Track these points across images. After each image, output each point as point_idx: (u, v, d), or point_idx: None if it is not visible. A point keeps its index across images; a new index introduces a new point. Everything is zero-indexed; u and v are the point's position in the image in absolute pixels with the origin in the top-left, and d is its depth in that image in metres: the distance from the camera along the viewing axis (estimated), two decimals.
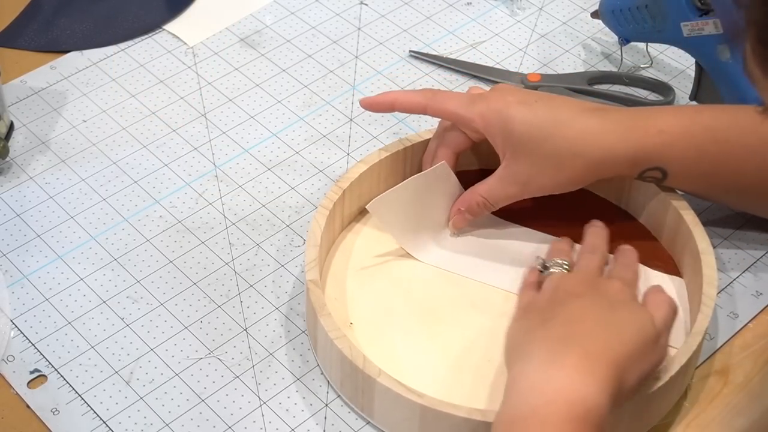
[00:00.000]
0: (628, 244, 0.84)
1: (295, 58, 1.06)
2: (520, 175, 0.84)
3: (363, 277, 0.86)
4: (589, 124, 0.83)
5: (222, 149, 0.98)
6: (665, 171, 0.84)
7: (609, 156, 0.82)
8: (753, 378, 0.82)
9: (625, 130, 0.82)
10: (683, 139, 0.83)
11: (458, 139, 0.87)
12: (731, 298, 0.87)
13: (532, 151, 0.83)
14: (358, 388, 0.77)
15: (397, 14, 1.11)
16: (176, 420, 0.79)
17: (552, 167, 0.83)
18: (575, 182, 0.85)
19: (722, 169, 0.84)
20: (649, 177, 0.85)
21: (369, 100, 0.89)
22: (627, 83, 1.04)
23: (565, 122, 0.82)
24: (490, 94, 0.85)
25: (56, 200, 0.93)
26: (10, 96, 1.01)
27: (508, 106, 0.83)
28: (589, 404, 0.67)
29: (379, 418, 0.78)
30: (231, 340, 0.84)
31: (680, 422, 0.79)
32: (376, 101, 0.88)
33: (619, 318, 0.72)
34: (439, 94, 0.86)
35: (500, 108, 0.83)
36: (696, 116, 0.85)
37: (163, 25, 1.09)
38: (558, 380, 0.68)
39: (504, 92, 0.85)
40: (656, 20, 0.96)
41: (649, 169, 0.83)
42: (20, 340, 0.83)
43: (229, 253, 0.89)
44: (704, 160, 0.83)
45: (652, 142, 0.82)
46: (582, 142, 0.82)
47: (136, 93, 1.03)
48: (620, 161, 0.83)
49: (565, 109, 0.83)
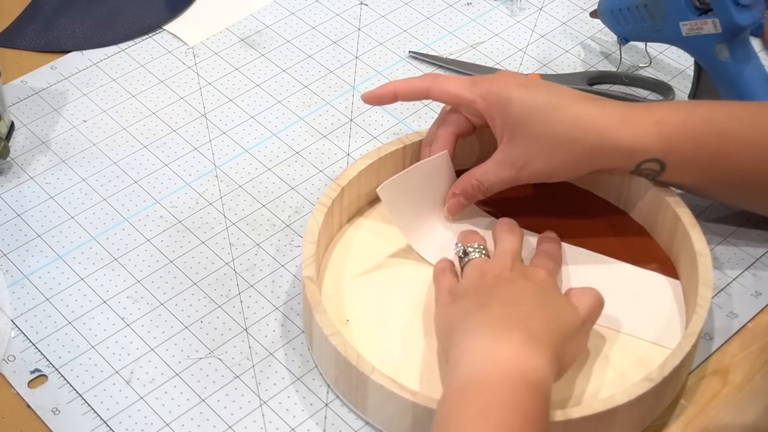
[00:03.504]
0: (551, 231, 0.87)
1: (295, 58, 1.06)
2: (515, 158, 0.84)
3: (360, 275, 0.86)
4: (587, 109, 0.83)
5: (222, 149, 0.98)
6: (663, 163, 0.83)
7: (605, 143, 0.82)
8: (752, 378, 0.82)
9: (623, 118, 0.82)
10: (681, 130, 0.83)
11: (459, 121, 0.87)
12: (730, 298, 0.87)
13: (528, 134, 0.83)
14: (351, 384, 0.77)
15: (397, 14, 1.11)
16: (176, 420, 0.79)
17: (547, 150, 0.83)
18: (570, 168, 0.84)
19: (721, 161, 0.83)
20: (647, 170, 0.84)
21: (370, 93, 0.89)
22: (626, 83, 1.04)
23: (563, 106, 0.83)
24: (492, 77, 0.86)
25: (56, 200, 0.93)
26: (11, 96, 1.01)
27: (509, 88, 0.84)
28: (540, 374, 0.70)
29: (372, 414, 0.78)
30: (231, 340, 0.84)
31: (680, 422, 0.80)
32: (378, 94, 0.89)
33: (552, 303, 0.76)
34: (441, 77, 0.87)
35: (500, 90, 0.84)
36: (694, 109, 0.85)
37: (163, 26, 1.09)
38: (509, 352, 0.70)
39: (506, 75, 0.86)
40: (655, 19, 0.96)
41: (646, 160, 0.83)
42: (21, 340, 0.83)
43: (229, 253, 0.90)
44: (702, 152, 0.83)
45: (650, 132, 0.82)
46: (579, 127, 0.82)
47: (136, 93, 1.03)
48: (617, 150, 0.83)
49: (564, 95, 0.84)
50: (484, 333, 0.72)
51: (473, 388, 0.69)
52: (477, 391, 0.68)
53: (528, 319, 0.73)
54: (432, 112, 1.01)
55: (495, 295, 0.75)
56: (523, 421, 0.67)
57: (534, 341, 0.71)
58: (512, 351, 0.70)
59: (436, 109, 1.00)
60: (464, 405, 0.68)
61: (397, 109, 1.01)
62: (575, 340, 0.75)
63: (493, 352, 0.70)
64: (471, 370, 0.70)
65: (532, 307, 0.74)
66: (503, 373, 0.69)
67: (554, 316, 0.74)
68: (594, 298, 0.78)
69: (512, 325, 0.72)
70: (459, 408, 0.68)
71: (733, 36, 0.92)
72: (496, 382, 0.69)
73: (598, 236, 0.89)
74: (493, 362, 0.70)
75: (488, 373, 0.69)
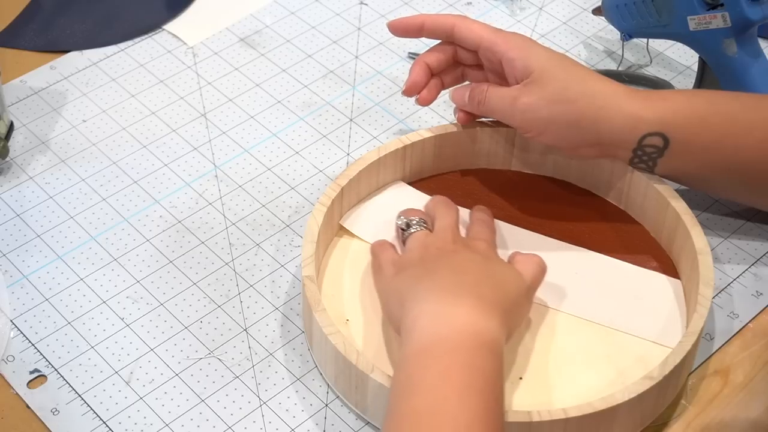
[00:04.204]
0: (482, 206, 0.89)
1: (295, 58, 1.06)
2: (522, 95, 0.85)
3: (360, 275, 0.86)
4: (600, 77, 0.85)
5: (222, 149, 0.98)
6: (667, 138, 0.83)
7: (612, 105, 0.83)
8: (753, 378, 0.82)
9: (630, 92, 0.84)
10: (686, 106, 0.84)
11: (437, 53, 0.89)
12: (731, 298, 0.87)
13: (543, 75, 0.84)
14: (351, 383, 0.77)
15: (397, 14, 1.11)
16: (176, 420, 0.79)
17: (554, 95, 0.84)
18: (569, 121, 0.84)
19: (724, 141, 0.84)
20: (649, 146, 0.84)
21: (396, 22, 0.90)
22: (628, 81, 1.03)
23: (579, 66, 0.86)
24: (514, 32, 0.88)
25: (56, 200, 0.93)
26: (10, 96, 1.01)
27: (531, 40, 0.87)
28: (493, 335, 0.72)
29: (372, 414, 0.78)
30: (231, 340, 0.84)
31: (681, 422, 0.79)
32: (404, 23, 0.90)
33: (498, 271, 0.78)
34: (468, 18, 0.88)
35: (524, 38, 0.87)
36: (698, 92, 0.89)
37: (163, 25, 1.09)
38: (462, 315, 0.72)
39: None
40: (662, 14, 0.95)
41: (649, 134, 0.83)
42: (20, 340, 0.83)
43: (229, 253, 0.89)
44: (706, 130, 0.84)
45: (655, 105, 0.83)
46: (592, 84, 0.84)
47: (136, 93, 1.03)
48: (622, 115, 0.83)
49: (579, 65, 0.86)
50: (434, 298, 0.74)
51: (431, 351, 0.71)
52: (435, 355, 0.70)
53: (476, 286, 0.75)
54: (432, 113, 1.01)
55: (441, 264, 0.78)
56: (482, 381, 0.69)
57: (484, 305, 0.73)
58: (465, 314, 0.72)
59: (437, 109, 1.00)
60: (424, 369, 0.70)
61: (397, 110, 1.01)
62: (521, 306, 0.78)
63: (446, 316, 0.72)
64: (426, 333, 0.72)
65: (479, 275, 0.76)
66: (458, 335, 0.71)
67: (501, 284, 0.77)
68: (537, 266, 0.81)
69: (462, 291, 0.74)
70: (420, 372, 0.70)
71: (742, 31, 0.92)
72: (452, 344, 0.71)
73: (599, 236, 0.89)
74: (447, 325, 0.72)
75: (443, 335, 0.71)
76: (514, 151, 0.92)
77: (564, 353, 0.81)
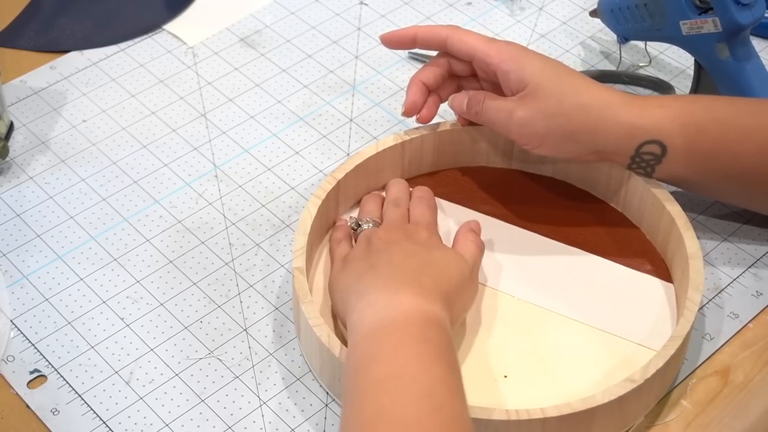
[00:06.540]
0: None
1: (295, 58, 1.06)
2: (518, 109, 0.84)
3: None
4: (595, 86, 0.85)
5: (222, 149, 0.98)
6: (664, 146, 0.83)
7: (608, 116, 0.83)
8: (753, 378, 0.82)
9: (627, 100, 0.84)
10: (683, 114, 0.84)
11: (434, 70, 0.89)
12: (731, 298, 0.87)
13: (538, 88, 0.83)
14: (335, 375, 0.78)
15: (397, 14, 1.11)
16: (176, 420, 0.79)
17: (549, 109, 0.83)
18: (566, 134, 0.84)
19: (722, 148, 0.84)
20: (647, 154, 0.84)
21: (389, 35, 0.90)
22: (626, 82, 1.04)
23: (573, 75, 0.85)
24: (507, 41, 0.88)
25: (56, 200, 0.93)
26: (10, 96, 1.01)
27: (525, 50, 0.86)
28: (439, 317, 0.74)
29: None
30: (231, 340, 0.84)
31: (681, 422, 0.79)
32: (397, 36, 0.90)
33: (438, 258, 0.79)
34: (461, 29, 0.88)
35: (518, 48, 0.86)
36: (695, 98, 0.88)
37: (163, 25, 1.09)
38: (407, 300, 0.74)
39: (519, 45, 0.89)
40: (655, 18, 0.96)
41: (647, 142, 0.83)
42: (20, 340, 0.83)
43: (229, 253, 0.89)
44: (704, 137, 0.83)
45: (652, 113, 0.83)
46: (587, 95, 0.84)
47: (136, 93, 1.03)
48: (618, 125, 0.83)
49: (574, 73, 0.86)
50: (378, 291, 0.75)
51: (383, 330, 0.72)
52: (388, 332, 0.72)
53: (417, 275, 0.76)
54: None
55: (382, 257, 0.78)
56: (437, 349, 0.71)
57: (425, 292, 0.75)
58: (409, 300, 0.74)
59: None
60: (379, 344, 0.71)
61: (397, 110, 1.01)
62: (465, 288, 0.79)
63: (392, 303, 0.74)
64: (375, 318, 0.73)
65: (419, 265, 0.78)
66: (405, 315, 0.73)
67: (441, 271, 0.78)
68: (476, 246, 0.83)
69: (403, 282, 0.75)
70: (375, 347, 0.71)
71: (733, 35, 0.92)
72: (402, 322, 0.72)
73: (595, 237, 0.89)
74: (394, 309, 0.73)
75: (392, 317, 0.73)
76: (513, 150, 0.92)
77: (551, 353, 0.81)
